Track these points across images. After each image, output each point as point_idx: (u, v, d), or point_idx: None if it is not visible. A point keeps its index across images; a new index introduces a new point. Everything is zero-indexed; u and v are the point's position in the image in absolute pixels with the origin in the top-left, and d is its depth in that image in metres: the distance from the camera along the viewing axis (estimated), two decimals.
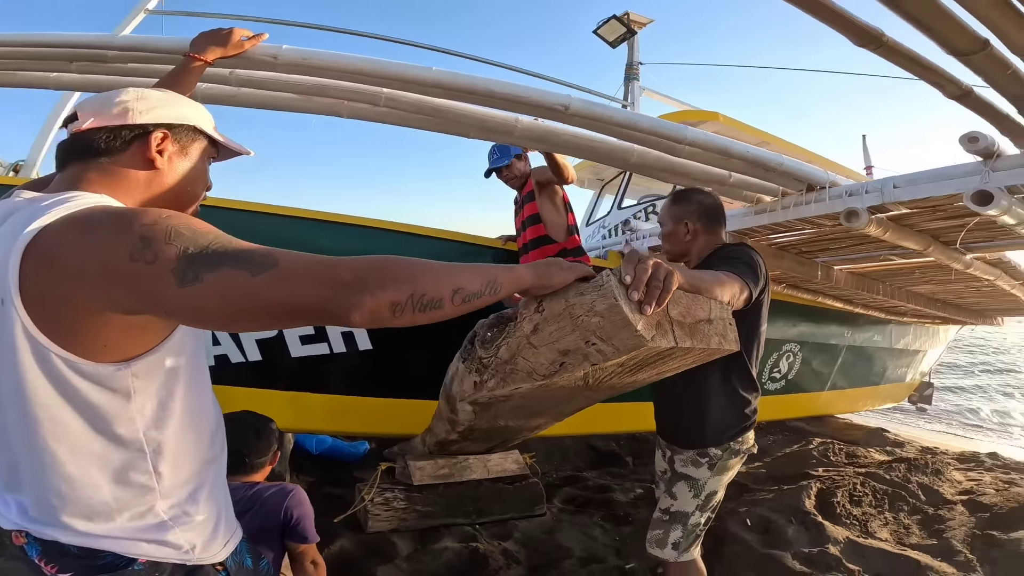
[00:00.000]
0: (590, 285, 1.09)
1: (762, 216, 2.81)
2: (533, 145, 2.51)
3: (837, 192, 2.56)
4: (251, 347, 2.73)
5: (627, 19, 5.27)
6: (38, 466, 0.82)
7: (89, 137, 0.94)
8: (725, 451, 1.91)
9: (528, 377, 1.39)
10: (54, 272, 0.75)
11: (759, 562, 2.45)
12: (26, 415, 0.79)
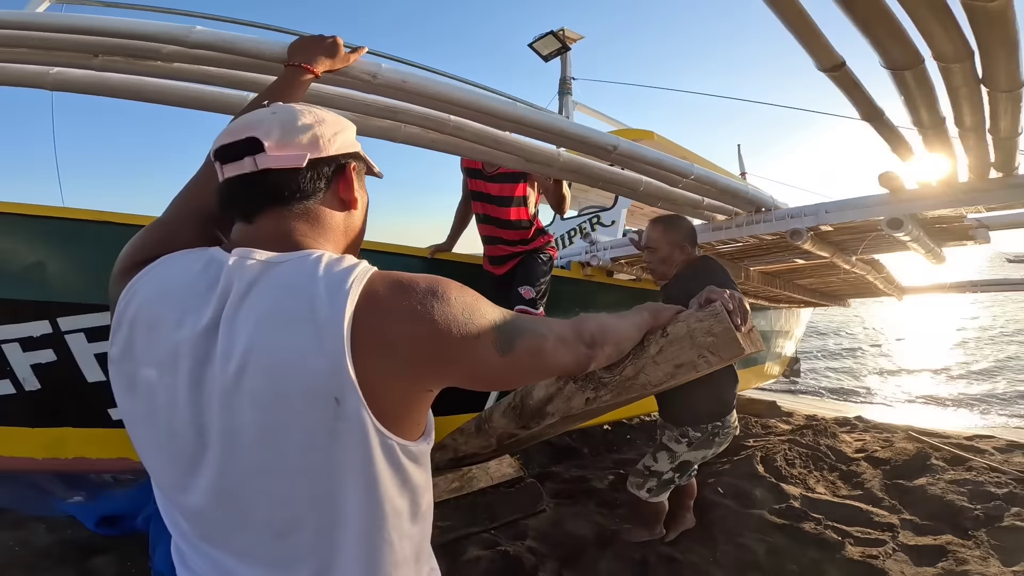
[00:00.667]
0: (706, 313, 1.43)
1: (719, 232, 3.32)
2: (568, 176, 2.54)
3: (781, 214, 3.12)
4: None
5: (562, 35, 5.50)
6: (371, 563, 0.76)
7: (285, 177, 0.80)
8: (703, 432, 2.44)
9: (643, 388, 1.69)
10: (385, 359, 0.71)
11: (744, 520, 2.89)
12: (372, 512, 0.74)
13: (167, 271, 0.80)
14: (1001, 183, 2.49)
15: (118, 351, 0.78)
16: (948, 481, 3.67)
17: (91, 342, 2.31)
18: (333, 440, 0.70)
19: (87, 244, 2.30)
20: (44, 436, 2.33)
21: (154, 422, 0.75)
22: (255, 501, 0.73)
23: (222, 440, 0.72)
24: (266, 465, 0.71)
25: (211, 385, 0.71)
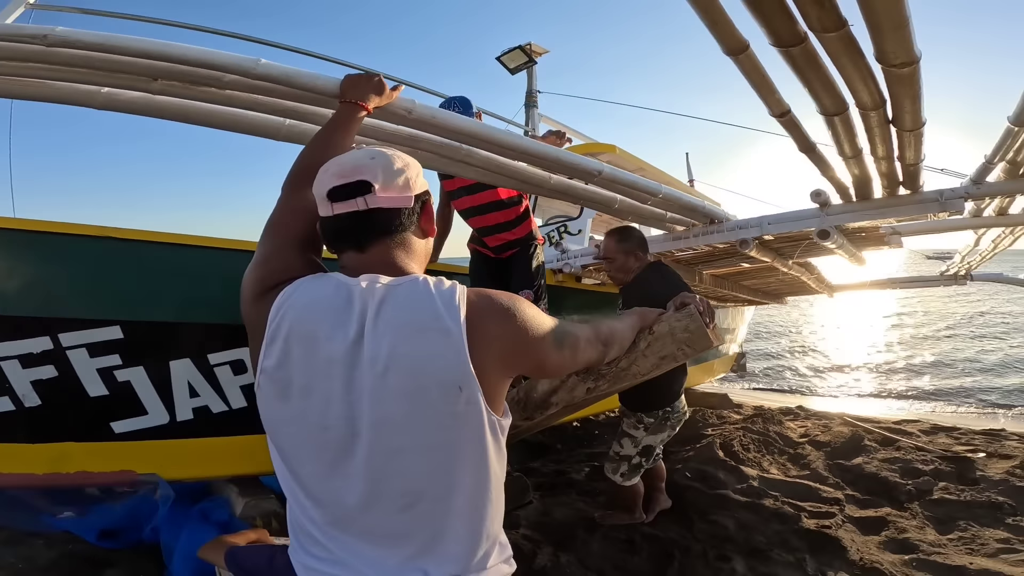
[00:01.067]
0: (683, 314, 1.75)
1: (679, 242, 3.63)
2: (556, 196, 2.70)
3: (731, 225, 3.48)
4: (235, 395, 2.59)
5: (529, 49, 5.62)
6: (476, 520, 0.95)
7: (390, 215, 0.99)
8: (656, 418, 2.78)
9: (634, 377, 1.94)
10: (487, 353, 0.92)
11: (714, 500, 3.17)
12: (481, 476, 0.94)
13: (307, 295, 0.95)
14: (909, 199, 2.91)
15: (273, 362, 0.93)
16: (881, 460, 4.11)
17: (93, 357, 2.31)
18: (456, 421, 0.92)
19: (89, 259, 2.31)
20: (45, 451, 2.31)
21: (306, 420, 0.92)
22: (392, 478, 0.92)
23: (371, 429, 0.90)
24: (406, 446, 0.90)
25: (360, 384, 0.90)
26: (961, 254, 6.23)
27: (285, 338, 0.93)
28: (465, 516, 0.95)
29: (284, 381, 0.93)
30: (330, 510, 0.94)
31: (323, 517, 0.95)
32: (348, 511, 0.93)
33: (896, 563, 2.60)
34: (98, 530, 2.51)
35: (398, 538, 0.93)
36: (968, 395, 8.95)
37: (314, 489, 0.95)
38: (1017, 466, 3.92)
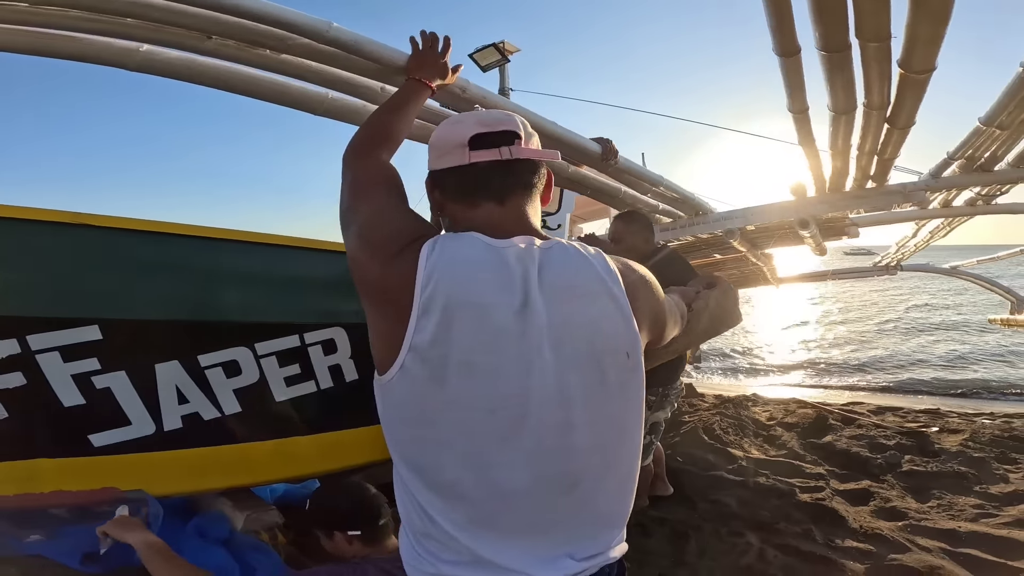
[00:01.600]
0: (718, 291, 1.82)
1: (666, 233, 3.69)
2: (571, 186, 2.76)
3: (715, 217, 3.59)
4: (228, 399, 2.34)
5: (503, 47, 5.57)
6: (625, 499, 0.89)
7: (531, 167, 0.91)
8: (658, 395, 2.78)
9: (672, 353, 1.98)
10: (642, 324, 0.89)
11: (710, 480, 3.23)
12: (636, 446, 0.89)
13: (457, 257, 0.81)
14: (877, 191, 3.11)
15: (429, 337, 0.78)
16: (848, 437, 4.32)
17: (67, 362, 2.06)
18: (622, 392, 0.85)
19: (62, 249, 2.08)
20: (14, 469, 2.08)
21: (466, 404, 0.79)
22: (556, 460, 0.81)
23: (542, 406, 0.79)
24: (575, 421, 0.81)
25: (530, 357, 0.79)
26: (897, 245, 6.71)
27: (443, 308, 0.78)
28: (614, 496, 0.87)
29: (440, 359, 0.78)
30: (478, 506, 0.81)
31: (467, 515, 0.81)
32: (502, 503, 0.81)
33: (894, 529, 2.72)
34: (81, 554, 2.24)
35: (550, 526, 0.82)
36: (893, 379, 9.63)
37: (462, 484, 0.81)
38: (968, 439, 4.24)
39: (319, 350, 2.60)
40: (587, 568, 0.83)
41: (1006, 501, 3.15)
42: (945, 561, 2.42)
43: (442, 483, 0.81)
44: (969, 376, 9.58)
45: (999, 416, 5.63)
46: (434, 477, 0.82)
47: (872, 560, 2.44)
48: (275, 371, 2.46)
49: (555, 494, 0.81)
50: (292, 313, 2.53)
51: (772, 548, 2.47)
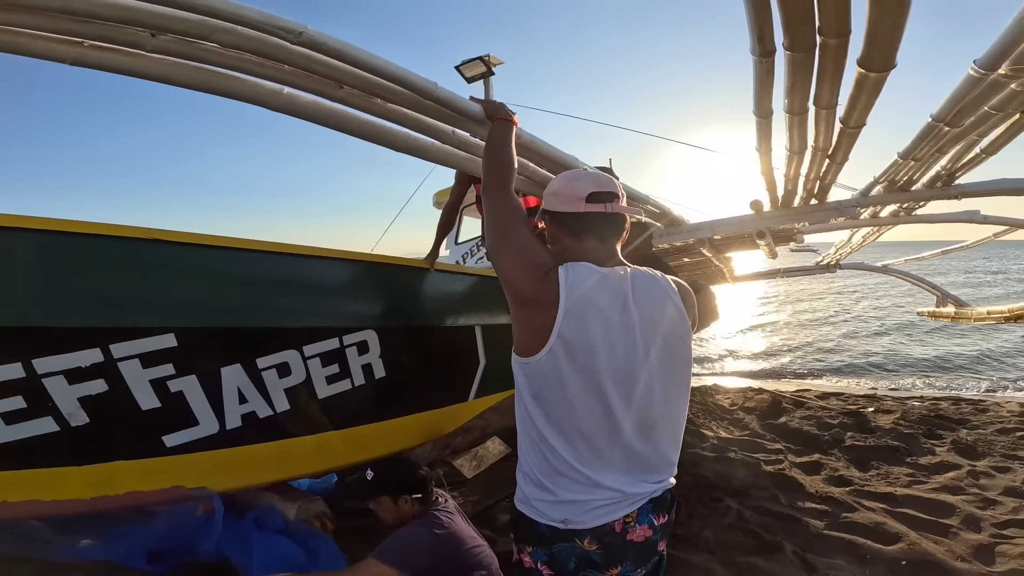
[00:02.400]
0: (703, 295, 2.16)
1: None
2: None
3: (688, 228, 4.04)
4: (279, 398, 2.59)
5: (488, 60, 5.72)
6: (679, 439, 1.34)
7: (622, 220, 1.33)
8: None
9: None
10: (690, 318, 1.33)
11: (689, 457, 3.63)
12: (685, 400, 1.33)
13: (584, 278, 1.20)
14: (819, 207, 3.65)
15: (572, 327, 1.17)
16: (800, 418, 4.85)
17: (146, 368, 2.19)
18: (684, 363, 1.31)
19: (141, 264, 2.21)
20: (92, 473, 2.15)
21: (593, 374, 1.18)
22: (651, 408, 1.23)
23: (638, 372, 1.21)
24: (658, 383, 1.24)
25: (633, 340, 1.21)
26: (836, 246, 7.38)
27: (581, 312, 1.18)
28: (672, 440, 1.31)
29: (575, 343, 1.17)
30: (599, 444, 1.20)
31: (589, 453, 1.20)
32: (615, 442, 1.21)
33: (843, 493, 3.18)
34: (146, 553, 2.35)
35: (636, 460, 1.23)
36: (834, 368, 10.42)
37: (589, 430, 1.20)
38: (900, 418, 4.83)
39: (355, 351, 2.86)
40: (656, 489, 1.26)
41: (933, 470, 3.67)
42: (887, 518, 2.86)
43: (571, 429, 1.20)
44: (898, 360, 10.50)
45: (928, 399, 6.34)
46: (565, 425, 1.21)
47: (829, 518, 2.88)
48: (319, 370, 2.69)
49: (642, 433, 1.23)
50: (333, 317, 2.78)
51: (748, 510, 2.88)
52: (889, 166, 2.88)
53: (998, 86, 1.73)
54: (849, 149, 2.40)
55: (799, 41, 1.40)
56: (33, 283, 2.04)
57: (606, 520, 1.20)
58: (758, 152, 2.63)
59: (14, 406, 2.00)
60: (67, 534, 2.38)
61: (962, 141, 2.44)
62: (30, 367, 2.01)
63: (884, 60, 1.45)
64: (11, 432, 2.01)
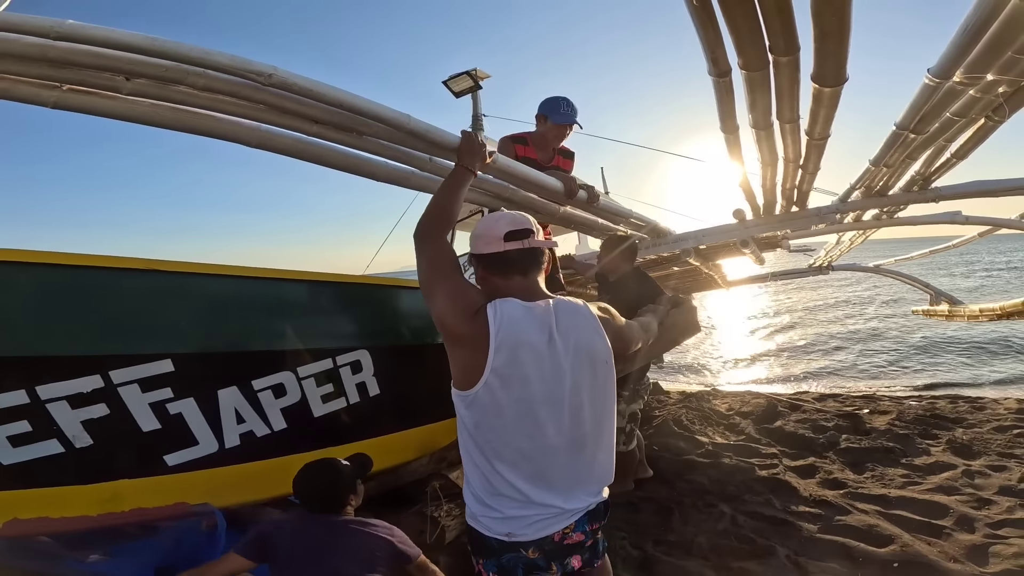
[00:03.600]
0: (682, 309, 2.44)
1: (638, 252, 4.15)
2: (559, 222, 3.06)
3: (673, 239, 4.06)
4: (276, 417, 2.62)
5: (475, 74, 5.65)
6: (611, 448, 1.40)
7: (539, 253, 1.40)
8: (630, 390, 3.20)
9: (650, 358, 2.38)
10: (611, 342, 1.39)
11: (683, 464, 3.60)
12: (613, 419, 1.40)
13: (512, 314, 1.27)
14: (799, 214, 3.68)
15: (504, 360, 1.23)
16: (795, 421, 4.81)
17: (145, 392, 2.23)
18: (605, 383, 1.37)
19: (138, 293, 2.25)
20: (98, 492, 2.20)
21: (527, 402, 1.26)
22: (579, 428, 1.31)
23: (567, 395, 1.29)
24: (585, 402, 1.32)
25: (560, 367, 1.28)
26: (825, 249, 7.36)
27: (511, 346, 1.24)
28: (604, 456, 1.39)
29: (507, 375, 1.24)
30: (536, 466, 1.29)
31: (527, 473, 1.28)
32: (551, 462, 1.29)
33: (837, 496, 3.14)
34: (155, 568, 2.35)
35: (571, 476, 1.32)
36: (832, 369, 10.34)
37: (526, 452, 1.28)
38: (895, 418, 4.78)
39: (348, 370, 2.88)
40: (592, 503, 1.36)
41: (928, 471, 3.61)
42: (880, 520, 2.82)
43: (510, 453, 1.28)
44: (895, 360, 10.41)
45: (925, 398, 6.27)
46: (504, 450, 1.27)
47: (822, 522, 2.84)
48: (313, 390, 2.72)
49: (575, 452, 1.31)
50: (326, 339, 2.80)
51: (742, 515, 2.85)
52: (864, 172, 2.90)
53: (956, 93, 1.75)
54: (819, 158, 2.43)
55: (751, 60, 1.43)
56: (34, 314, 2.08)
57: (546, 533, 1.30)
58: (732, 163, 2.66)
59: (20, 430, 2.04)
60: (76, 549, 2.38)
61: (931, 147, 2.46)
62: (34, 394, 2.05)
63: (835, 75, 1.47)
64: (18, 454, 2.05)
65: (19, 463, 2.06)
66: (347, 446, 2.90)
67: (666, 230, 4.00)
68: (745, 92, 1.76)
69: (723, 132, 2.19)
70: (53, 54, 1.03)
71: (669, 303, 2.75)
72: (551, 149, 3.04)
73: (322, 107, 1.39)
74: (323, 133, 1.51)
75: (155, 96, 1.23)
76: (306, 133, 1.50)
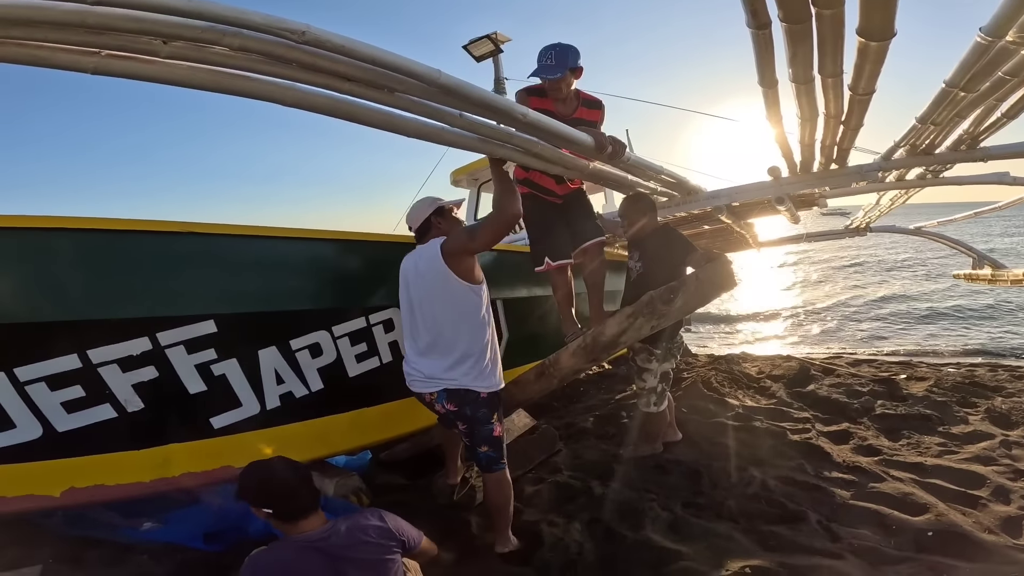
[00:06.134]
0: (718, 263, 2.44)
1: (664, 210, 4.04)
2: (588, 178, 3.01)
3: (705, 196, 3.96)
4: (313, 378, 2.65)
5: (496, 37, 5.57)
6: (465, 340, 2.30)
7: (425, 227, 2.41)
8: (662, 349, 3.15)
9: (684, 313, 2.50)
10: (447, 262, 2.20)
11: (713, 427, 3.58)
12: (463, 315, 2.30)
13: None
14: (839, 172, 3.54)
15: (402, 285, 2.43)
16: (829, 385, 4.73)
17: (191, 353, 2.28)
18: (447, 289, 2.25)
19: (181, 255, 2.29)
20: (150, 457, 2.23)
21: (406, 306, 2.40)
22: (433, 324, 2.31)
23: (420, 302, 2.32)
24: (436, 307, 2.29)
25: (417, 285, 2.34)
26: (864, 210, 7.09)
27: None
28: (464, 337, 2.26)
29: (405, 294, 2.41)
30: (419, 344, 2.37)
31: (414, 348, 2.40)
32: (424, 346, 2.34)
33: (871, 463, 3.09)
34: (203, 534, 2.41)
35: (439, 355, 2.29)
36: (867, 334, 10.11)
37: (412, 336, 2.39)
38: (933, 385, 4.65)
39: (381, 329, 2.92)
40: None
41: (966, 440, 3.52)
42: (915, 489, 2.78)
43: (409, 337, 2.46)
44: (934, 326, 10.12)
45: (964, 366, 6.10)
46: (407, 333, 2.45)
47: (855, 488, 2.81)
48: (348, 350, 2.78)
49: (437, 340, 2.32)
50: (359, 298, 2.84)
51: (772, 479, 2.83)
52: (909, 130, 2.77)
53: (1008, 53, 1.69)
54: (862, 115, 2.32)
55: (792, 12, 1.37)
56: (82, 279, 2.12)
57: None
58: (769, 122, 2.56)
59: (74, 395, 2.10)
60: (131, 518, 2.51)
61: (981, 105, 2.34)
62: (86, 358, 2.11)
63: (882, 30, 1.40)
64: (73, 420, 2.11)
65: (74, 429, 2.11)
66: (382, 407, 2.96)
67: (697, 187, 3.90)
68: (786, 45, 1.69)
69: (761, 87, 2.10)
70: (91, 20, 1.02)
71: (704, 257, 2.70)
72: (572, 100, 2.84)
73: (354, 64, 1.36)
74: (355, 90, 1.48)
75: (192, 58, 1.22)
76: (338, 91, 1.47)
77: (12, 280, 2.00)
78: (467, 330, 2.29)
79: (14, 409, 2.00)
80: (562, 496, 2.85)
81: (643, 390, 3.26)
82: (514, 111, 1.82)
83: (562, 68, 2.65)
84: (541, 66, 2.66)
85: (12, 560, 2.25)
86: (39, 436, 2.05)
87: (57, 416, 2.07)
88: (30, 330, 2.02)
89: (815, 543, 2.31)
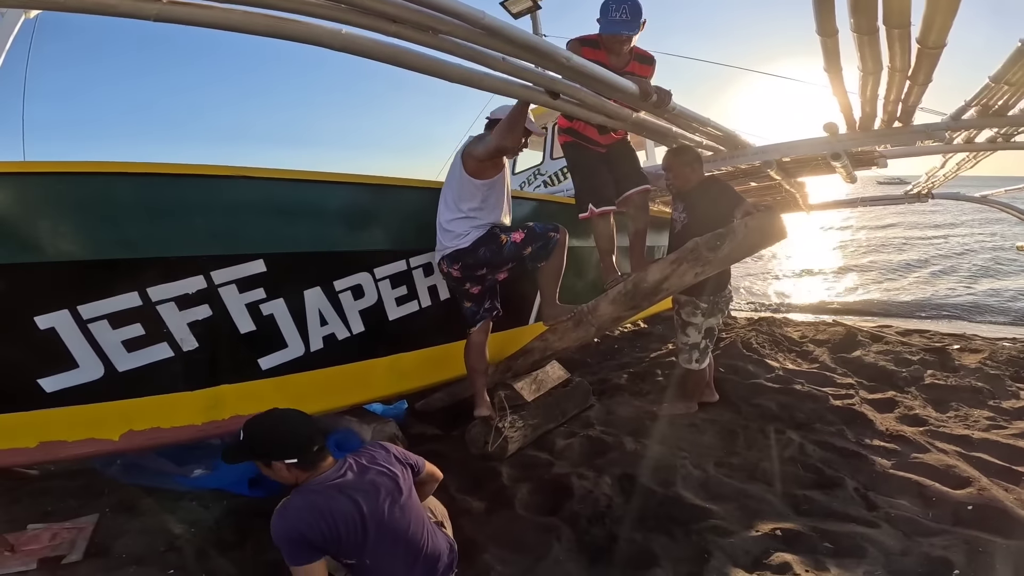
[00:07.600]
0: (766, 213, 2.44)
1: (710, 164, 3.90)
2: (632, 128, 2.99)
3: (754, 150, 3.80)
4: (355, 320, 2.70)
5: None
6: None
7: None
8: (709, 303, 3.09)
9: (729, 262, 2.55)
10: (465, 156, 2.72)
11: (751, 388, 3.56)
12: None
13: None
14: (903, 130, 3.30)
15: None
16: (876, 352, 4.60)
17: (242, 292, 2.35)
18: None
19: (231, 196, 2.34)
20: (203, 398, 2.30)
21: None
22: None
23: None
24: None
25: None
26: (927, 174, 6.70)
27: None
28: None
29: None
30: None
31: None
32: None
33: (916, 433, 3.03)
34: (247, 480, 2.47)
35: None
36: (920, 303, 9.70)
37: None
38: (987, 358, 4.45)
39: (420, 272, 2.96)
40: None
41: (1016, 415, 3.39)
42: (959, 462, 2.71)
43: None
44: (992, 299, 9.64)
45: (1021, 340, 5.82)
46: None
47: (897, 457, 2.77)
48: (388, 292, 2.83)
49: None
50: (399, 241, 2.89)
51: (811, 444, 2.81)
52: (981, 89, 2.59)
53: None
54: (931, 70, 2.18)
55: None
56: (142, 220, 2.20)
57: None
58: (827, 73, 2.41)
59: (134, 333, 2.18)
60: (181, 465, 2.62)
61: None
62: (146, 295, 2.19)
63: None
64: (133, 359, 2.19)
65: (133, 369, 2.18)
66: (420, 352, 3.03)
67: (745, 142, 3.75)
68: None
69: (820, 35, 1.98)
70: None
71: (753, 208, 2.63)
72: (625, 54, 2.78)
73: (400, 4, 1.36)
74: (401, 32, 1.48)
75: (249, 2, 1.23)
76: (384, 33, 1.47)
77: (77, 220, 2.08)
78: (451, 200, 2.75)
79: (77, 347, 2.07)
80: (594, 450, 2.89)
81: (685, 345, 3.23)
82: (558, 55, 1.78)
83: (637, 23, 2.62)
84: (611, 20, 2.62)
85: (71, 509, 2.34)
86: (100, 376, 2.12)
87: (118, 355, 2.15)
88: (94, 268, 2.09)
89: (850, 510, 2.30)
